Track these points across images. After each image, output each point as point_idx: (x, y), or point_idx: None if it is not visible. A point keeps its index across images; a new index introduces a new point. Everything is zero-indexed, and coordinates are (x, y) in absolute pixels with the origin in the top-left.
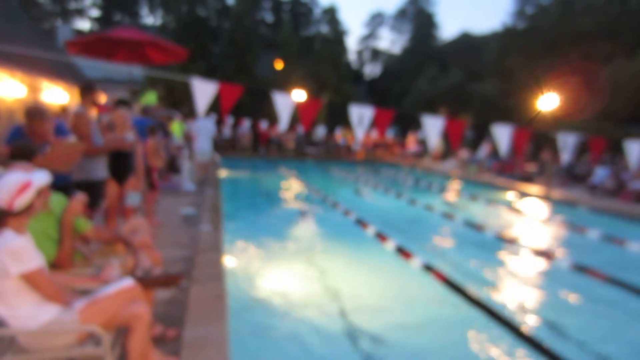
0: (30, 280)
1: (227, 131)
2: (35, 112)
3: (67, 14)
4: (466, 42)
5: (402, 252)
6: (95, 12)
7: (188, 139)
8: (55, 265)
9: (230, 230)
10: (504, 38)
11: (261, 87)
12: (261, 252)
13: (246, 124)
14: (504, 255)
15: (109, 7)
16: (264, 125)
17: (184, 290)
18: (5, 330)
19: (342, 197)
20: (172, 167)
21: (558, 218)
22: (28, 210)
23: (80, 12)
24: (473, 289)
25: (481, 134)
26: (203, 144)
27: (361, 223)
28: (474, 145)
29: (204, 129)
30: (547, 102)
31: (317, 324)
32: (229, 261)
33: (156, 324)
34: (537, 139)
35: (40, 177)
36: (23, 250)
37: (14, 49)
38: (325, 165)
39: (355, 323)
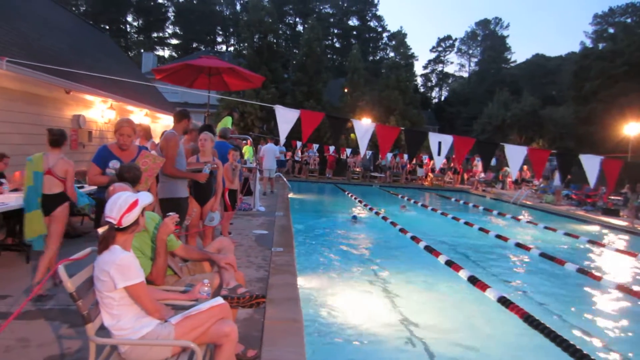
0: (134, 292)
1: (296, 155)
2: (122, 120)
3: (151, 43)
4: (540, 65)
5: (476, 282)
6: (175, 41)
7: (259, 159)
8: (149, 281)
9: (299, 251)
10: (582, 60)
11: (336, 113)
12: (329, 275)
13: (315, 148)
14: (584, 290)
15: (187, 36)
16: (331, 149)
17: (260, 311)
18: (109, 340)
19: (410, 223)
20: (245, 189)
21: None
22: (133, 227)
23: (162, 41)
24: (552, 326)
25: (561, 162)
26: (269, 163)
27: (431, 250)
28: (549, 172)
29: (270, 150)
30: (634, 129)
31: (388, 350)
32: (301, 283)
33: (237, 343)
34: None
35: (145, 197)
36: (130, 265)
37: (107, 76)
38: (392, 190)
39: (430, 354)
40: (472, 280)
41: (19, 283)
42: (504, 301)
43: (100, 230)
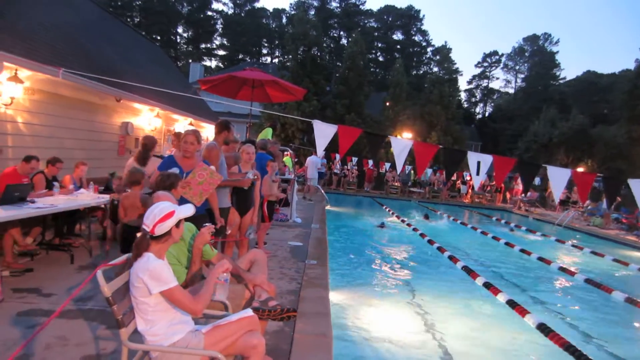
0: (170, 296)
1: (335, 168)
2: (188, 130)
3: (199, 53)
4: (591, 82)
5: (515, 306)
6: (221, 52)
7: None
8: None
9: (333, 264)
10: (637, 78)
11: (375, 129)
12: (362, 290)
13: (353, 161)
14: (632, 322)
15: (233, 47)
16: (370, 163)
17: (290, 324)
18: (141, 346)
19: (448, 241)
20: (283, 200)
21: None
22: (166, 237)
23: (210, 52)
24: (595, 359)
25: (608, 187)
26: (312, 173)
27: (469, 271)
28: (598, 195)
29: (313, 162)
30: None
31: None
32: (333, 297)
33: (265, 356)
34: None
35: (184, 209)
36: (162, 271)
37: (155, 88)
38: (430, 207)
39: None
40: (511, 304)
41: (63, 282)
42: (543, 328)
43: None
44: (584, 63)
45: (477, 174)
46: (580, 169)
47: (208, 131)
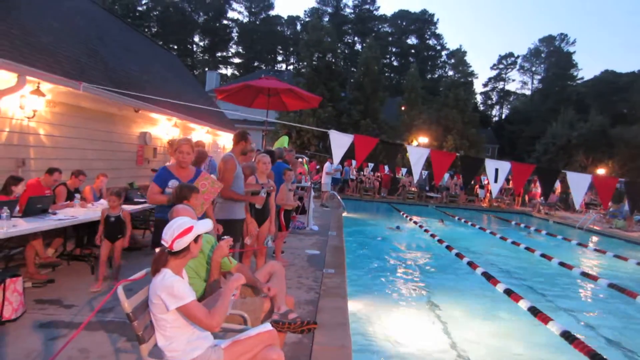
0: (187, 312)
1: (352, 173)
2: (181, 139)
3: (215, 62)
4: (609, 82)
5: (537, 313)
6: (237, 60)
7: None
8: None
9: (350, 272)
10: None
11: (391, 134)
12: (380, 298)
13: (370, 167)
14: None
15: (249, 55)
16: (386, 168)
17: (309, 335)
18: None
19: (466, 246)
20: (299, 207)
21: None
22: (185, 252)
23: (226, 60)
24: None
25: (630, 191)
26: (325, 178)
27: (489, 278)
28: (620, 196)
29: (327, 169)
30: None
31: None
32: (351, 306)
33: None
34: None
35: (202, 225)
36: (178, 288)
37: (172, 101)
38: (448, 212)
39: None
40: (533, 311)
41: (84, 293)
42: (567, 336)
43: (156, 250)
44: (602, 62)
45: (495, 181)
46: (601, 170)
47: (224, 139)
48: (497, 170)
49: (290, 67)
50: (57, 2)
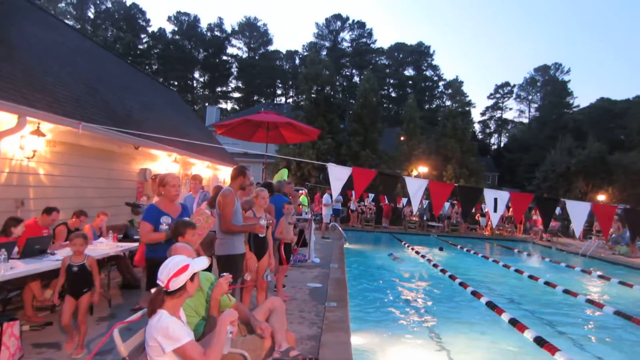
0: (183, 353)
1: (350, 204)
2: (167, 175)
3: (215, 96)
4: (605, 109)
5: (544, 344)
6: (237, 94)
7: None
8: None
9: (353, 305)
10: None
11: (390, 164)
12: (384, 331)
13: (370, 197)
14: None
15: (248, 90)
16: (386, 199)
17: None
18: None
19: (470, 275)
20: (300, 240)
21: None
22: (181, 292)
23: (225, 95)
24: None
25: (631, 219)
26: (326, 211)
27: (494, 307)
28: (622, 222)
29: (326, 201)
30: None
31: None
32: (354, 340)
33: None
34: None
35: (198, 262)
36: (174, 329)
37: (172, 138)
38: (450, 240)
39: None
40: (539, 341)
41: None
42: None
43: (152, 291)
44: (597, 90)
45: (495, 211)
46: (601, 197)
47: (224, 173)
48: (496, 199)
49: (290, 100)
50: (58, 43)
